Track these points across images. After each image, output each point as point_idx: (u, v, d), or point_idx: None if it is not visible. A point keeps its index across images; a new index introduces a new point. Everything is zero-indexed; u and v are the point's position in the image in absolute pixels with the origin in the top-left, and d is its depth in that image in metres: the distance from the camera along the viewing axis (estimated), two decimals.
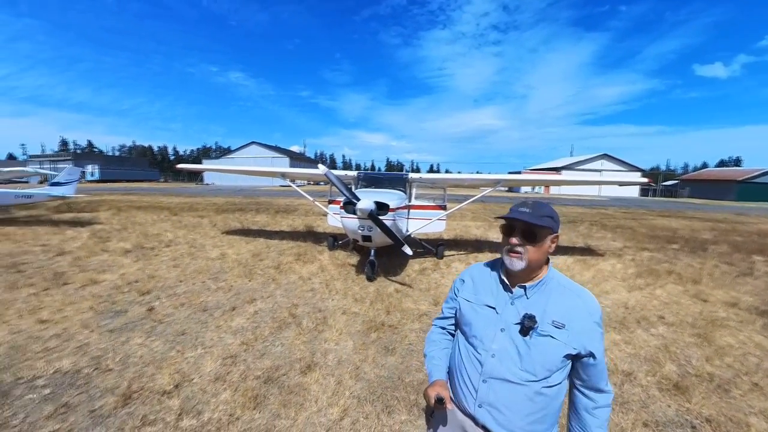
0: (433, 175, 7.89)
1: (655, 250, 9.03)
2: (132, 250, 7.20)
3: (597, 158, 56.71)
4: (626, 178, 9.70)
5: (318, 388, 2.77)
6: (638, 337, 3.88)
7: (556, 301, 1.20)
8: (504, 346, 1.17)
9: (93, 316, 3.97)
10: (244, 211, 15.34)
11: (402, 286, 5.46)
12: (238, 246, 7.92)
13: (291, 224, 11.84)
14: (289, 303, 4.57)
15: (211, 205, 17.78)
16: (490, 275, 1.33)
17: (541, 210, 1.22)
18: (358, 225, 5.40)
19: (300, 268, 6.22)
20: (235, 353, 3.27)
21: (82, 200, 16.32)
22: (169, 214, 13.23)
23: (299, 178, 9.89)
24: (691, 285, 5.87)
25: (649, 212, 22.42)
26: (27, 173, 11.56)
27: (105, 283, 5.15)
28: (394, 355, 3.36)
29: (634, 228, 13.47)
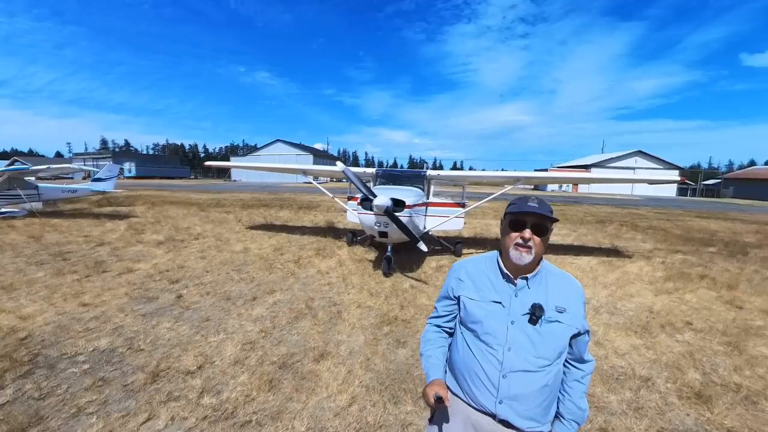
0: (451, 172, 7.83)
1: (688, 252, 8.53)
2: (164, 242, 7.65)
3: (630, 155, 53.72)
4: (661, 177, 9.08)
5: (329, 376, 2.88)
6: (661, 342, 3.73)
7: (554, 288, 1.26)
8: (517, 338, 1.21)
9: (128, 302, 4.30)
10: (268, 207, 15.77)
11: (418, 282, 5.49)
12: (260, 240, 8.20)
13: (312, 220, 12.09)
14: (306, 296, 4.72)
15: (237, 201, 18.44)
16: (486, 270, 1.34)
17: (546, 204, 1.26)
18: (374, 221, 5.48)
19: (319, 263, 6.38)
20: (253, 340, 3.44)
21: (121, 195, 17.43)
22: (197, 209, 13.86)
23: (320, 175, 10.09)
24: (725, 291, 5.52)
25: (686, 213, 21.09)
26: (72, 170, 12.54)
27: (139, 271, 5.53)
28: (405, 348, 3.42)
29: (667, 229, 12.75)
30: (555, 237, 10.32)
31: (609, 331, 3.95)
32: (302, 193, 27.12)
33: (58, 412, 2.37)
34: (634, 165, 52.33)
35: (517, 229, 1.24)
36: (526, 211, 1.22)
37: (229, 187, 34.58)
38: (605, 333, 3.89)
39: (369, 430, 2.33)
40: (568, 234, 10.96)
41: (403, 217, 5.44)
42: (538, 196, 1.28)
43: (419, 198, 6.41)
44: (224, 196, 21.72)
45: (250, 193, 26.28)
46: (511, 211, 1.27)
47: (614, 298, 5.03)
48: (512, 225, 1.26)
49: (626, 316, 4.43)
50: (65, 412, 2.38)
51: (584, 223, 13.95)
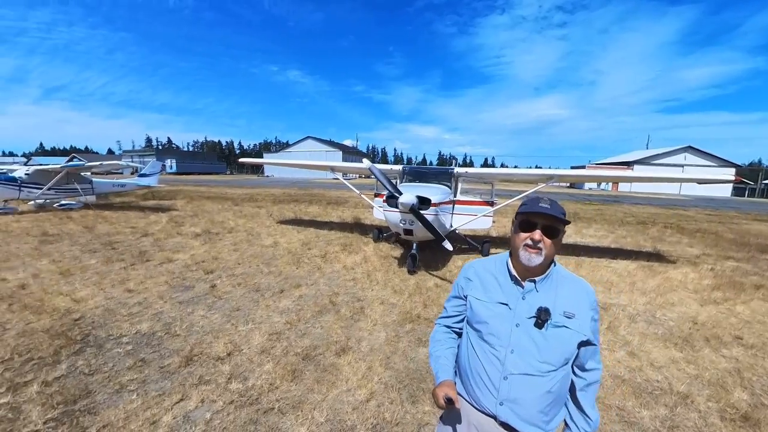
0: (480, 169, 7.64)
1: (742, 259, 7.77)
2: (201, 234, 8.11)
3: (679, 151, 49.30)
4: (714, 175, 8.29)
5: (349, 370, 2.94)
6: (705, 357, 3.44)
7: (563, 293, 1.23)
8: (521, 341, 1.19)
9: (167, 289, 4.61)
10: (298, 203, 16.21)
11: (442, 281, 5.44)
12: (289, 235, 8.46)
13: (340, 216, 12.24)
14: (331, 290, 4.81)
15: (269, 196, 19.09)
16: (495, 272, 1.34)
17: (558, 206, 1.23)
18: (400, 218, 5.49)
19: (345, 258, 6.47)
20: (279, 331, 3.59)
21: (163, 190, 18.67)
22: (231, 204, 14.53)
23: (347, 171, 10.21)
24: None
25: (742, 215, 19.19)
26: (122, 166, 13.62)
27: (178, 261, 5.92)
28: (426, 346, 3.40)
29: (718, 233, 11.69)
30: (590, 238, 9.84)
31: (645, 341, 3.70)
32: (331, 189, 27.55)
33: (104, 387, 2.61)
34: (684, 162, 48.05)
35: (527, 229, 1.22)
36: (537, 211, 1.20)
37: (262, 183, 35.90)
38: (641, 343, 3.65)
39: (386, 426, 2.36)
40: (606, 236, 10.35)
41: (428, 215, 5.40)
42: (551, 197, 1.25)
43: (446, 196, 6.34)
44: (257, 192, 22.53)
45: (281, 188, 27.11)
46: (522, 212, 1.25)
47: (653, 306, 4.71)
48: (522, 226, 1.24)
49: (666, 326, 4.14)
50: (110, 387, 2.62)
51: (624, 224, 13.10)
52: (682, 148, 49.41)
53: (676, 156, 48.99)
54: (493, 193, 7.94)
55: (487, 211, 7.31)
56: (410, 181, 7.29)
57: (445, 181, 7.14)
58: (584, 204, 22.13)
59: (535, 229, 1.20)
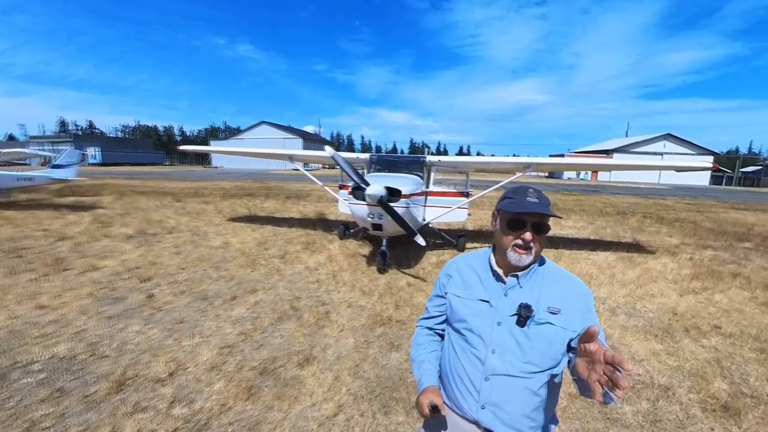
0: (454, 158, 7.83)
1: (720, 248, 8.57)
2: (134, 236, 7.65)
3: (658, 139, 53.58)
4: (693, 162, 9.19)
5: (314, 383, 2.91)
6: (685, 348, 3.75)
7: (549, 288, 1.26)
8: (503, 340, 1.22)
9: (92, 303, 4.30)
10: (252, 197, 15.83)
11: (415, 279, 5.54)
12: (243, 234, 8.24)
13: (301, 211, 12.15)
14: (291, 294, 4.77)
15: (218, 190, 18.43)
16: (477, 267, 1.37)
17: (545, 198, 1.25)
18: (367, 212, 5.49)
19: (307, 258, 6.44)
20: (232, 343, 3.47)
21: (84, 184, 17.34)
22: (172, 200, 13.88)
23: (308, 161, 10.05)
24: (761, 291, 5.55)
25: (720, 203, 21.16)
26: (28, 155, 12.32)
27: (105, 269, 5.54)
28: (398, 351, 3.46)
29: (697, 222, 12.82)
30: (569, 230, 10.42)
31: (626, 334, 3.98)
32: (290, 181, 27.11)
33: (8, 428, 2.38)
34: (663, 150, 52.19)
35: (515, 229, 1.23)
36: (528, 211, 1.20)
37: (209, 175, 34.48)
38: (621, 336, 3.92)
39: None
40: (585, 227, 11.02)
41: (399, 207, 5.46)
42: (536, 188, 1.27)
43: (417, 187, 6.43)
44: (203, 185, 21.71)
45: (232, 181, 26.24)
46: (509, 210, 1.24)
47: (633, 298, 5.07)
48: (511, 224, 1.24)
49: (646, 318, 4.47)
50: (16, 427, 2.39)
51: (603, 214, 14.02)
52: (661, 135, 53.66)
53: (656, 144, 53.07)
54: (468, 183, 8.16)
55: (462, 202, 7.50)
56: (379, 170, 7.34)
57: (416, 171, 7.24)
58: (563, 194, 23.41)
59: (524, 228, 1.21)
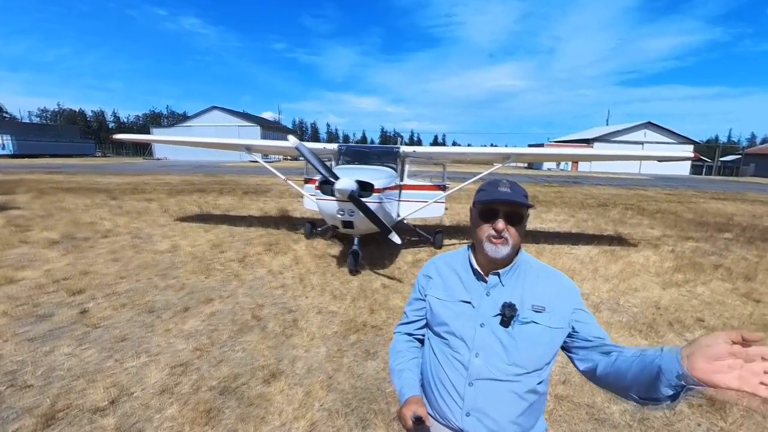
0: (429, 148, 7.95)
1: (701, 239, 9.23)
2: (60, 242, 7.20)
3: (639, 128, 56.72)
4: (672, 153, 9.89)
5: (283, 400, 2.88)
6: (669, 342, 4.01)
7: (532, 285, 1.32)
8: (487, 343, 1.26)
9: (7, 323, 4.01)
10: (204, 193, 15.39)
11: (390, 280, 5.60)
12: (194, 235, 8.00)
13: (261, 208, 11.96)
14: (253, 302, 4.70)
15: (162, 186, 17.72)
16: (457, 266, 1.41)
17: (519, 188, 1.31)
18: (336, 208, 5.49)
19: (270, 261, 6.38)
20: (186, 361, 3.37)
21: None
22: (107, 198, 13.20)
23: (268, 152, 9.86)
24: (742, 282, 6.03)
25: (700, 194, 22.75)
26: None
27: (24, 281, 5.18)
28: (375, 359, 3.49)
29: (678, 213, 13.73)
30: (551, 223, 10.88)
31: (611, 331, 4.21)
32: (248, 174, 26.51)
33: None
34: (643, 139, 55.26)
35: (488, 219, 1.29)
36: (497, 199, 1.26)
37: (151, 168, 32.93)
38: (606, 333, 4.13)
39: None
40: (566, 220, 11.55)
41: (371, 203, 5.48)
42: (511, 179, 1.33)
43: (391, 180, 6.49)
44: (145, 180, 20.80)
45: (179, 174, 25.26)
46: (481, 200, 1.31)
47: (617, 293, 5.38)
48: (483, 215, 1.30)
49: (630, 313, 4.75)
50: None
51: (584, 206, 14.75)
52: (641, 124, 56.90)
53: (636, 132, 56.17)
54: (445, 175, 8.31)
55: (439, 196, 7.63)
56: (348, 162, 7.35)
57: (389, 163, 7.30)
58: (543, 186, 24.35)
59: (497, 218, 1.27)
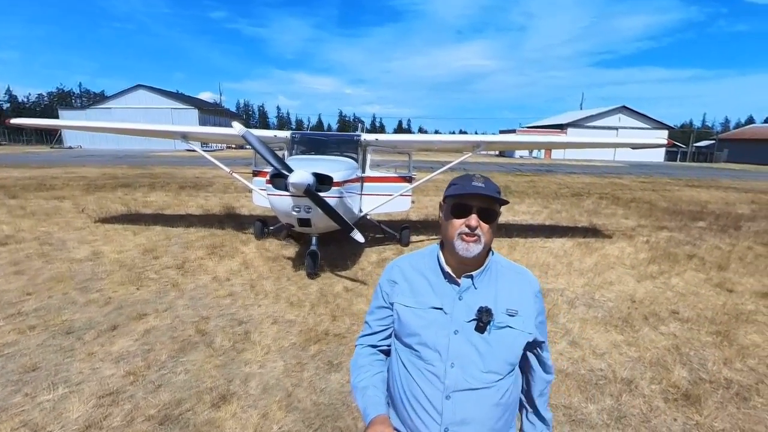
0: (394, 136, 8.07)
1: (675, 229, 10.01)
2: None
3: (613, 112, 60.27)
4: (645, 139, 10.68)
5: (235, 425, 2.85)
6: (644, 337, 4.37)
7: (504, 287, 1.39)
8: (462, 351, 1.30)
9: None
10: (130, 188, 14.81)
11: (354, 282, 5.67)
12: (120, 240, 7.68)
13: (202, 205, 11.73)
14: (196, 315, 4.60)
15: (77, 181, 16.78)
16: (424, 269, 1.44)
17: (492, 183, 1.38)
18: (291, 205, 5.44)
19: (214, 266, 6.27)
20: (116, 388, 3.24)
21: None
22: (3, 196, 12.41)
23: (208, 140, 9.57)
24: (715, 272, 6.61)
25: (675, 181, 24.58)
26: None
27: None
28: (339, 371, 3.54)
29: (652, 202, 14.78)
30: (523, 215, 11.43)
31: (586, 327, 4.52)
32: (185, 165, 25.37)
33: None
34: (618, 124, 58.81)
35: (461, 215, 1.33)
36: (471, 192, 1.31)
37: (61, 159, 30.84)
38: (582, 330, 4.44)
39: None
40: (539, 211, 12.18)
41: (330, 197, 5.49)
42: (484, 175, 1.41)
43: (352, 172, 6.53)
44: (53, 173, 19.55)
45: (98, 167, 23.92)
46: (453, 194, 1.35)
47: (592, 288, 5.77)
48: (455, 211, 1.35)
49: (605, 308, 5.11)
50: None
51: (558, 197, 15.57)
52: (616, 108, 60.49)
53: (611, 117, 59.64)
54: (411, 165, 8.44)
55: (405, 189, 7.77)
56: (303, 152, 7.32)
57: (349, 153, 7.32)
58: (516, 175, 25.40)
59: (470, 214, 1.32)
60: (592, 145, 8.63)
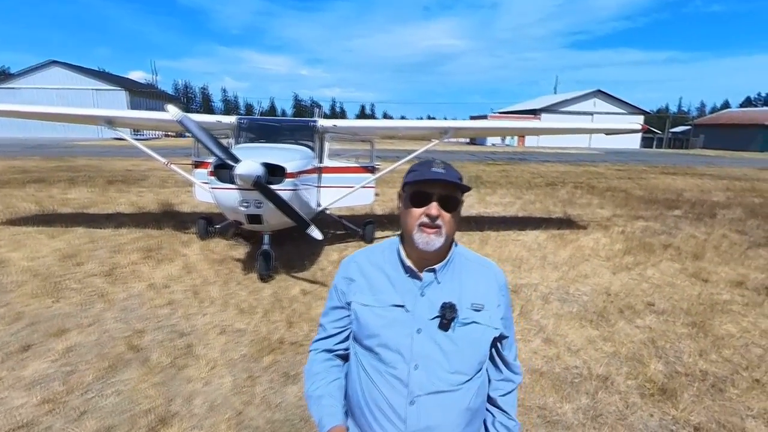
0: (354, 121, 8.06)
1: (651, 218, 10.61)
2: None
3: (588, 96, 62.78)
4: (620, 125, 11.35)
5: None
6: (620, 331, 4.63)
7: (468, 280, 1.43)
8: (426, 351, 1.32)
9: None
10: (45, 184, 14.09)
11: (312, 284, 5.67)
12: (33, 244, 7.32)
13: (135, 202, 11.40)
14: (128, 329, 4.46)
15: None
16: (383, 264, 1.45)
17: (453, 170, 1.39)
18: (239, 199, 5.36)
19: (150, 272, 6.12)
20: (30, 419, 3.09)
21: None
22: None
23: (140, 126, 9.24)
24: (690, 262, 7.07)
25: (650, 169, 26.00)
26: None
27: None
28: (296, 383, 3.54)
29: (628, 190, 15.58)
30: (495, 207, 11.73)
31: (561, 323, 4.73)
32: (112, 156, 24.45)
33: None
34: (593, 109, 61.11)
35: (420, 203, 1.35)
36: (431, 179, 1.32)
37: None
38: (556, 326, 4.65)
39: None
40: (512, 202, 12.59)
41: (283, 190, 5.45)
42: (444, 160, 1.43)
43: (308, 161, 6.50)
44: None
45: (2, 159, 22.44)
46: (411, 181, 1.37)
47: (566, 281, 6.05)
48: (414, 199, 1.36)
49: (580, 302, 5.38)
50: None
51: (532, 186, 16.15)
52: (591, 92, 63.01)
53: (586, 102, 62.05)
54: (374, 154, 8.49)
55: (367, 180, 7.80)
56: (252, 140, 7.25)
57: (305, 140, 7.29)
58: (487, 164, 26.10)
59: (430, 202, 1.33)
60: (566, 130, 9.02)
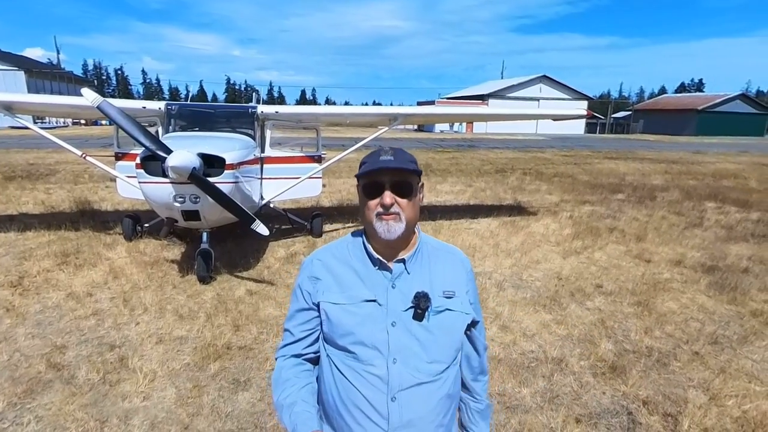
0: (297, 108, 8.00)
1: (596, 202, 11.38)
2: None
3: (534, 81, 65.80)
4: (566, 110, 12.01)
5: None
6: (572, 313, 4.98)
7: (438, 268, 1.49)
8: (403, 344, 1.35)
9: None
10: None
11: (259, 284, 5.63)
12: None
13: (44, 200, 10.73)
14: (46, 345, 4.22)
15: None
16: (350, 258, 1.49)
17: (404, 155, 1.45)
18: (172, 194, 5.20)
19: (68, 279, 5.80)
20: None
21: None
22: None
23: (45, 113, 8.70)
24: (634, 243, 7.69)
25: (594, 154, 27.82)
26: None
27: None
28: (248, 389, 3.52)
29: (574, 176, 16.60)
30: (447, 195, 12.21)
31: (516, 309, 5.02)
32: (12, 148, 22.70)
33: None
34: (539, 95, 64.18)
35: (374, 195, 1.39)
36: (379, 168, 1.36)
37: None
38: (512, 313, 4.93)
39: None
40: (463, 190, 13.11)
41: (223, 183, 5.36)
42: (394, 147, 1.49)
43: (248, 151, 6.42)
44: None
45: None
46: (362, 173, 1.41)
47: (519, 268, 6.41)
48: (367, 191, 1.41)
49: (533, 288, 5.72)
50: None
51: (482, 174, 16.89)
52: (537, 77, 66.14)
53: (532, 87, 65.06)
54: (320, 143, 8.49)
55: (314, 170, 7.79)
56: (184, 129, 7.06)
57: (244, 128, 7.21)
58: (437, 152, 26.80)
59: (383, 192, 1.38)
60: (515, 117, 9.42)
